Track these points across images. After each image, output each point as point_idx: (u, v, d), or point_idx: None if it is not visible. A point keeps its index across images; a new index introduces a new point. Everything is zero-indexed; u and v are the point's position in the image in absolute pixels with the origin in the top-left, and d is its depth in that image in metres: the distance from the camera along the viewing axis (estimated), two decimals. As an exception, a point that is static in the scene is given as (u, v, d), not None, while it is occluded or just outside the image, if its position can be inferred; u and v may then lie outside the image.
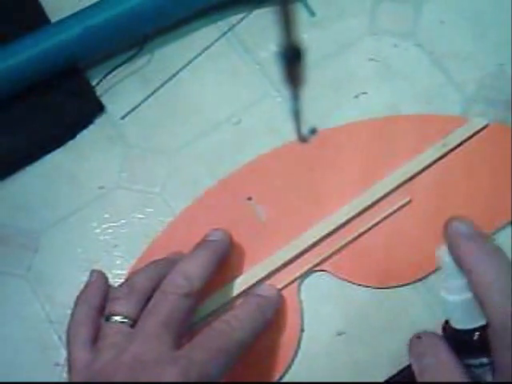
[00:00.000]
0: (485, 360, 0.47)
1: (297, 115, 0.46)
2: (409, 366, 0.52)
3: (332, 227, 0.62)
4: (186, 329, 0.56)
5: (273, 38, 0.73)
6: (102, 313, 0.57)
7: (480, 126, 0.66)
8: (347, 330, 0.60)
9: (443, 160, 0.65)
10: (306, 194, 0.65)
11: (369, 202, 0.63)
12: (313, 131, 0.49)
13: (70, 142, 0.71)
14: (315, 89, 0.70)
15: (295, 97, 0.43)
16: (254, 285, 0.61)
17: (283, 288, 0.61)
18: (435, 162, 0.65)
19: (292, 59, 0.37)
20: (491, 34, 0.72)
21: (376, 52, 0.72)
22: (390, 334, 0.59)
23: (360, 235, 0.63)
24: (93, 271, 0.61)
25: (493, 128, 0.66)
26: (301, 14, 0.75)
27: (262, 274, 0.61)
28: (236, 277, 0.62)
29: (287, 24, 0.34)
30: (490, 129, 0.66)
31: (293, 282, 0.62)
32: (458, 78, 0.70)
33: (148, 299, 0.56)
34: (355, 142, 0.66)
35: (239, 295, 0.61)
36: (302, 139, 0.49)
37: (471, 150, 0.65)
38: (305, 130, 0.49)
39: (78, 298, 0.59)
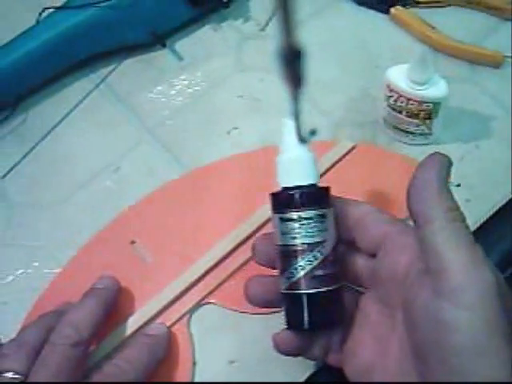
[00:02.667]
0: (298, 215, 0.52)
1: (297, 116, 0.46)
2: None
3: (216, 259, 0.64)
4: (78, 377, 0.57)
5: (144, 85, 0.75)
6: None
7: (348, 148, 0.69)
8: (238, 358, 0.61)
9: (316, 184, 0.68)
10: (187, 231, 0.67)
11: (248, 232, 0.65)
12: (313, 132, 0.49)
13: (-49, 206, 0.71)
14: (189, 129, 0.73)
15: (295, 98, 0.43)
16: (144, 324, 0.62)
17: (173, 324, 0.62)
18: (309, 186, 0.67)
19: (292, 60, 0.38)
20: (351, 59, 0.76)
21: (244, 88, 0.75)
22: (280, 357, 0.60)
23: (243, 264, 0.64)
24: None
25: (360, 149, 0.69)
26: (169, 60, 0.77)
27: (151, 314, 0.62)
28: (126, 319, 0.62)
29: (287, 24, 0.35)
30: (358, 149, 0.69)
31: (182, 317, 0.63)
32: (324, 104, 0.73)
33: (38, 353, 0.56)
34: (230, 176, 0.68)
35: (130, 336, 0.62)
36: (302, 140, 0.49)
37: (342, 172, 0.68)
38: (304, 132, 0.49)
39: None
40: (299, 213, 0.52)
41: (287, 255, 0.52)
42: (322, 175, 0.67)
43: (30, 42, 0.73)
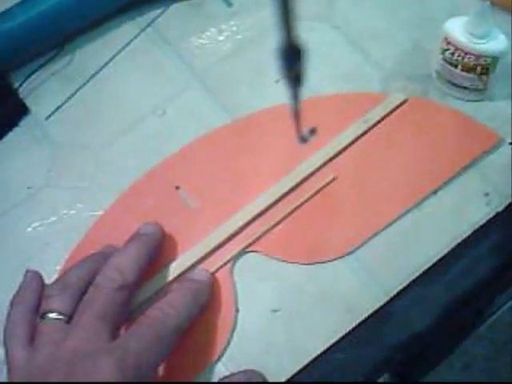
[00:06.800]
0: None
1: (297, 115, 0.46)
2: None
3: (261, 208, 0.63)
4: (122, 320, 0.57)
5: (192, 30, 0.74)
6: (38, 312, 0.57)
7: (399, 101, 0.68)
8: (282, 306, 0.61)
9: (365, 136, 0.66)
10: (233, 179, 0.66)
11: (295, 182, 0.64)
12: (312, 131, 0.49)
13: (-4, 145, 0.71)
14: (236, 75, 0.72)
15: (295, 97, 0.43)
16: (187, 270, 0.62)
17: (216, 271, 0.62)
18: (357, 139, 0.66)
19: (292, 59, 0.38)
20: (405, 11, 0.74)
21: (294, 37, 0.73)
22: (323, 308, 0.60)
23: (288, 214, 0.64)
24: (27, 271, 0.61)
25: (412, 102, 0.68)
26: (218, 6, 0.76)
27: (195, 259, 0.62)
28: (169, 264, 0.62)
29: (287, 24, 0.35)
30: (409, 103, 0.68)
31: (225, 264, 0.62)
32: (376, 56, 0.71)
33: (82, 294, 0.56)
34: (278, 125, 0.67)
35: (173, 281, 0.61)
36: (302, 139, 0.49)
37: (392, 125, 0.67)
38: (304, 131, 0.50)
39: (14, 299, 0.59)
40: None
41: None
42: (371, 128, 0.66)
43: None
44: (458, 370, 1.45)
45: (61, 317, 0.55)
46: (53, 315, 0.55)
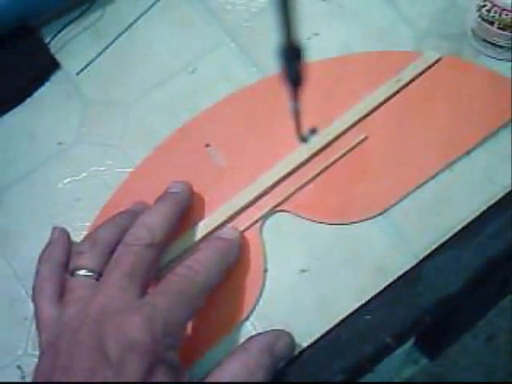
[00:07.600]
0: None
1: (297, 115, 0.46)
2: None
3: (290, 167, 0.63)
4: (150, 278, 0.57)
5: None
6: (67, 269, 0.57)
7: (433, 60, 0.66)
8: (310, 266, 0.61)
9: (398, 95, 0.65)
10: (263, 137, 0.65)
11: (326, 141, 0.63)
12: (312, 131, 0.49)
13: (27, 101, 0.71)
14: (268, 32, 0.70)
15: (295, 97, 0.42)
16: (216, 229, 0.62)
17: (245, 230, 0.62)
18: (390, 97, 0.65)
19: (292, 59, 0.37)
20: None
21: (328, -8, 0.72)
22: (352, 268, 0.60)
23: (319, 174, 0.63)
24: (54, 228, 0.62)
25: (446, 61, 0.67)
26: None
27: (223, 218, 0.62)
28: (198, 222, 0.62)
29: (287, 23, 0.34)
30: (443, 62, 0.67)
31: (254, 223, 0.62)
32: (410, 13, 0.70)
33: (112, 252, 0.56)
34: (310, 83, 0.66)
35: (201, 240, 0.61)
36: (302, 139, 0.49)
37: (425, 84, 0.66)
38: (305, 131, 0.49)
39: (41, 256, 0.59)
40: None
41: None
42: (404, 86, 0.65)
43: None
44: (481, 341, 1.48)
45: (90, 274, 0.55)
46: (82, 272, 0.55)
